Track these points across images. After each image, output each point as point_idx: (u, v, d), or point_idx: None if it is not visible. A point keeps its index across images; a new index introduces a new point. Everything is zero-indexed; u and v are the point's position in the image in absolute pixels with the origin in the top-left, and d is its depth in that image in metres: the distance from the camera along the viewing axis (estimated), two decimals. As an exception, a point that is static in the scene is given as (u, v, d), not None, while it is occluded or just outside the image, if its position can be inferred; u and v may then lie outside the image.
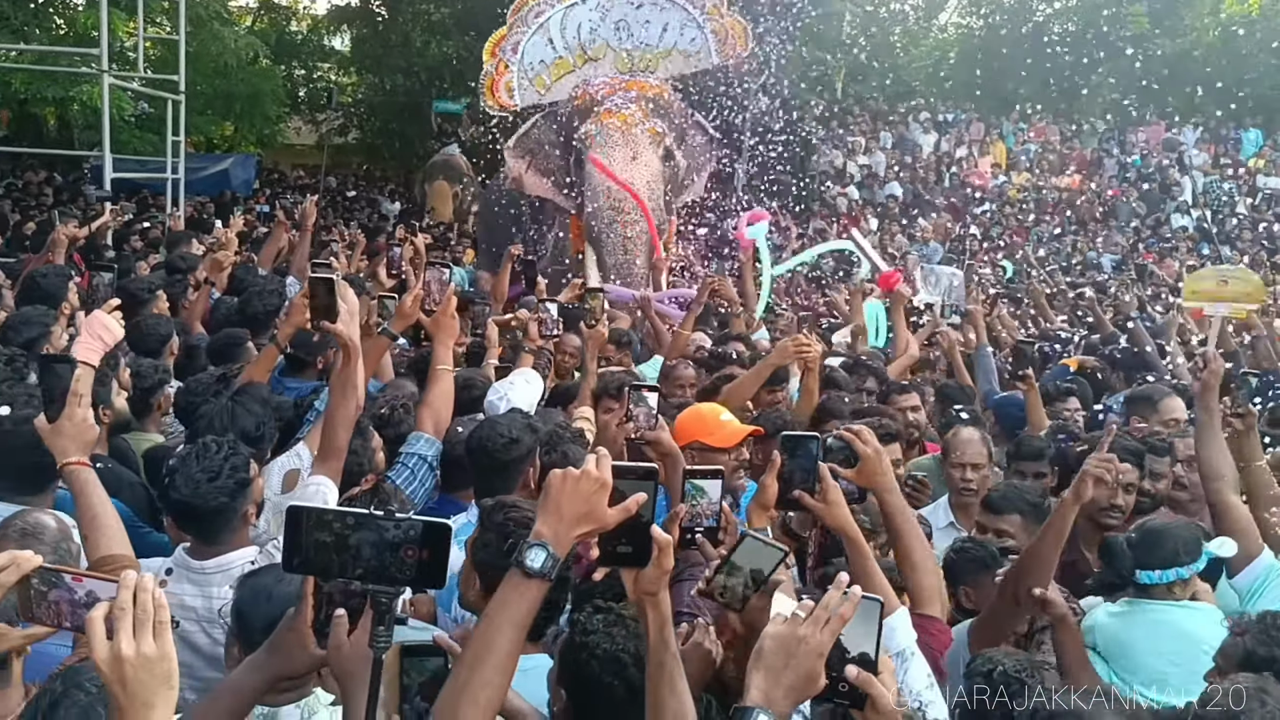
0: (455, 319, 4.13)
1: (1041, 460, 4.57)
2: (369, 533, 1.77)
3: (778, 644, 1.82)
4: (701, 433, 3.66)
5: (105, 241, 9.58)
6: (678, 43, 10.41)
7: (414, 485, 3.68)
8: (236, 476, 2.89)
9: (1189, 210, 20.72)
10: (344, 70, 28.67)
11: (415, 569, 1.78)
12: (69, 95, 14.53)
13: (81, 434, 2.74)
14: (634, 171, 8.73)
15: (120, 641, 1.56)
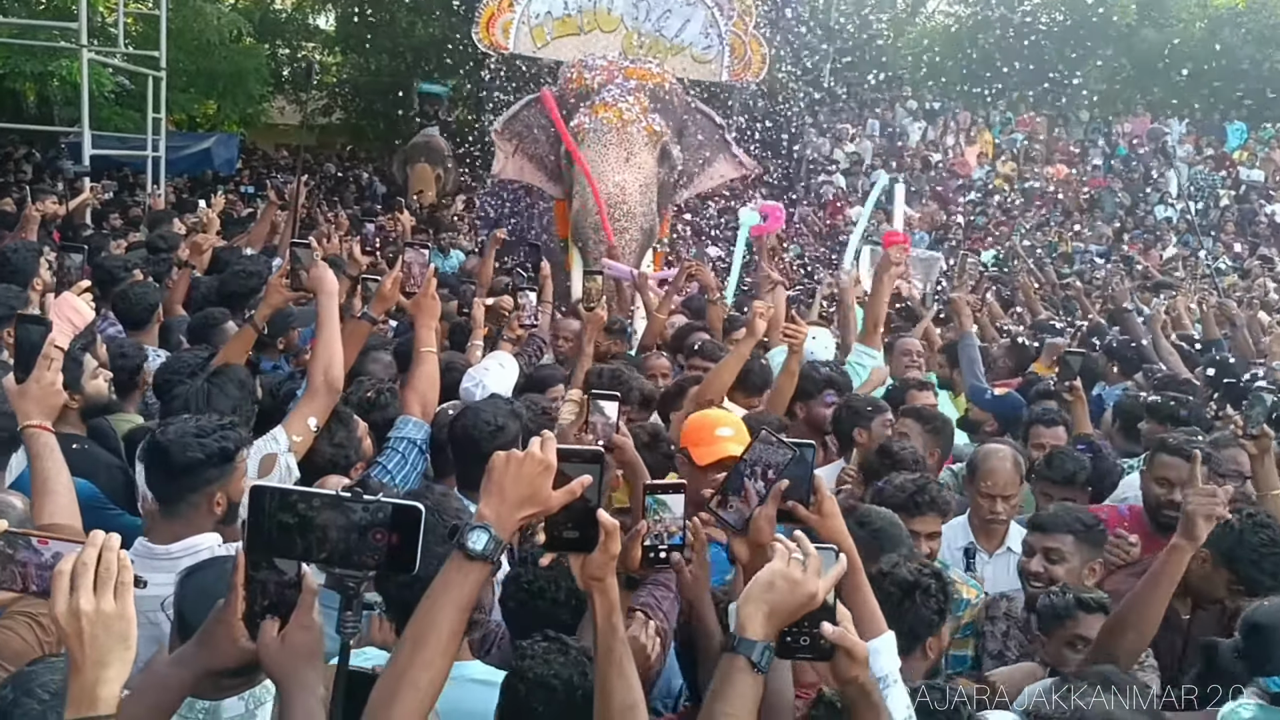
0: (436, 300, 4.09)
1: (1073, 486, 4.21)
2: (335, 514, 1.71)
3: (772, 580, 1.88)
4: (689, 441, 3.48)
5: (84, 220, 9.48)
6: (693, 44, 9.93)
7: (405, 469, 3.63)
8: (223, 444, 2.81)
9: (1173, 202, 20.79)
10: (328, 50, 28.43)
11: (385, 553, 1.73)
12: (48, 70, 14.34)
13: (47, 398, 2.72)
14: (626, 174, 8.27)
15: (80, 597, 1.55)
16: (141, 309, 5.19)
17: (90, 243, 7.24)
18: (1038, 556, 3.49)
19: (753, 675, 1.85)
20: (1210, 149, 22.92)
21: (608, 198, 8.10)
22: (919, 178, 20.88)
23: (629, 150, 8.34)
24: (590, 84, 8.84)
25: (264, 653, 1.84)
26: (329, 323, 3.57)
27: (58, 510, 2.58)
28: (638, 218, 8.21)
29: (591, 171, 8.21)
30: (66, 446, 3.42)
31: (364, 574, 1.75)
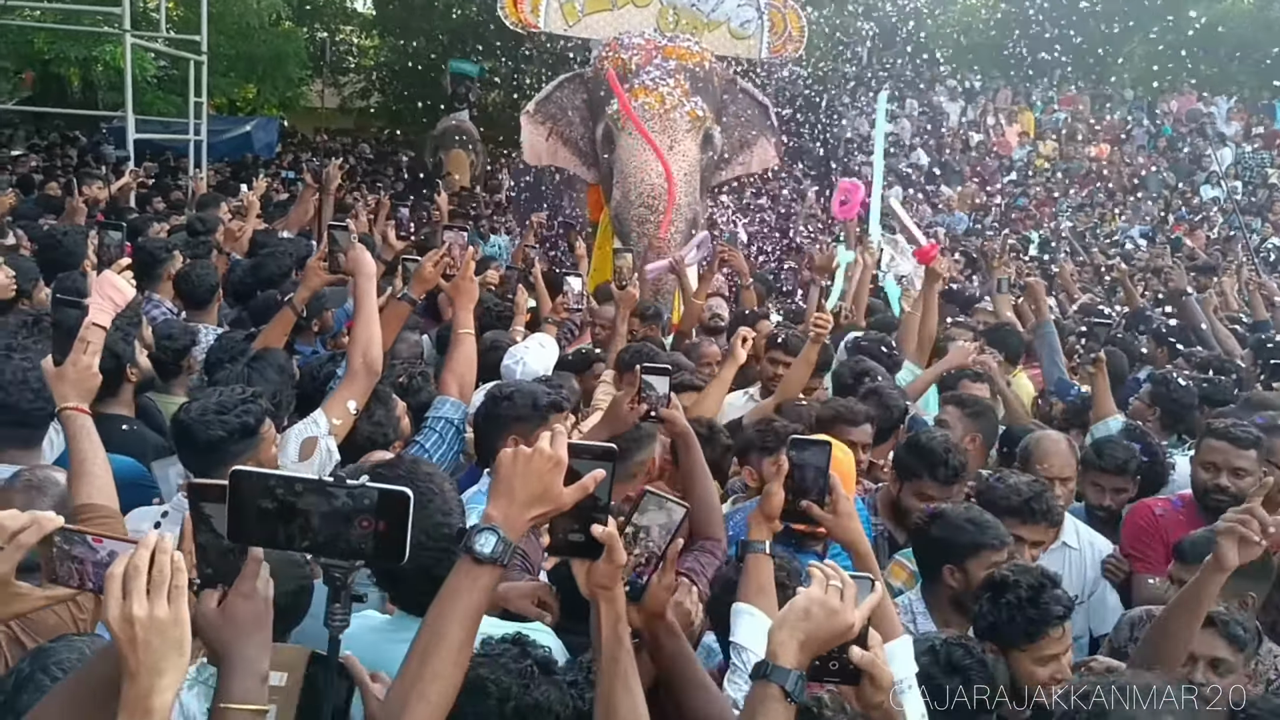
0: (474, 283, 4.09)
1: (1125, 475, 4.04)
2: (318, 500, 1.61)
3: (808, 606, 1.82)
4: None
5: (128, 204, 9.61)
6: (731, 18, 9.43)
7: (443, 449, 3.64)
8: (244, 419, 2.89)
9: (1220, 181, 20.44)
10: (366, 33, 28.56)
11: (372, 542, 1.63)
12: (91, 55, 14.53)
13: (84, 380, 2.73)
14: (671, 163, 7.88)
15: (133, 602, 1.51)
16: (204, 290, 5.30)
17: (132, 224, 7.35)
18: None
19: (785, 704, 1.78)
20: (1260, 127, 22.49)
21: (651, 188, 7.76)
22: (959, 158, 20.69)
23: (672, 138, 7.99)
24: (628, 64, 8.45)
25: (201, 623, 1.72)
26: (367, 305, 3.58)
27: (94, 491, 2.60)
28: (682, 209, 7.87)
29: (634, 161, 7.87)
30: (116, 427, 3.54)
31: (351, 564, 1.66)
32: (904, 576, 3.37)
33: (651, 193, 7.74)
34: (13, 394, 3.06)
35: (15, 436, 3.11)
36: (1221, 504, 3.56)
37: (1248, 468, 3.68)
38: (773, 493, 2.42)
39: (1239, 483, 3.67)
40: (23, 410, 3.04)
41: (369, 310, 3.57)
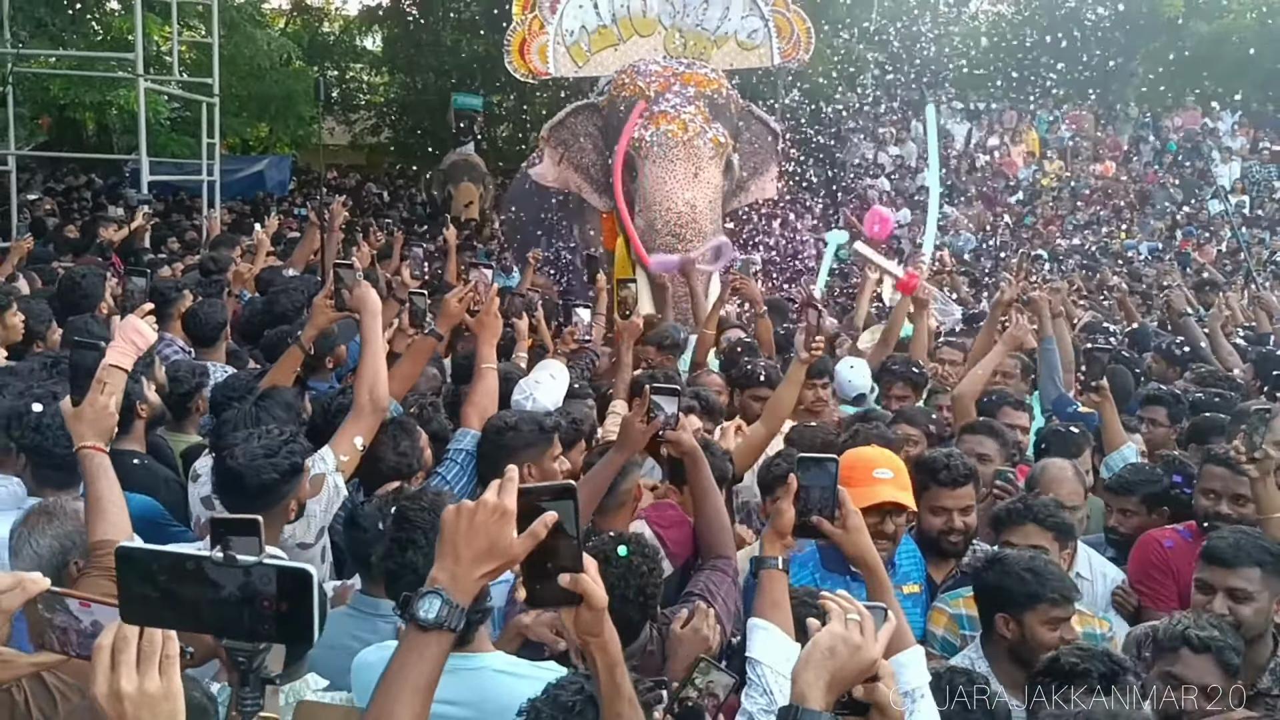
0: (498, 318, 4.22)
1: (1131, 496, 4.00)
2: (200, 588, 1.47)
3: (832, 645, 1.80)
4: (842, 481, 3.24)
5: (143, 244, 9.77)
6: (737, 31, 9.33)
7: (463, 480, 3.72)
8: (291, 460, 2.99)
9: (1226, 196, 20.44)
10: (376, 70, 28.88)
11: (274, 623, 1.48)
12: (106, 100, 14.75)
13: (101, 420, 2.80)
14: (696, 191, 7.81)
15: (121, 677, 1.41)
16: (210, 328, 5.40)
17: (151, 266, 7.49)
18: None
19: None
20: (1266, 140, 22.51)
21: (678, 216, 7.71)
22: (965, 179, 20.76)
23: (696, 165, 7.91)
24: (646, 91, 8.39)
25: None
26: (373, 342, 3.63)
27: (110, 528, 2.66)
28: (708, 236, 7.82)
29: (659, 189, 7.83)
30: (128, 462, 3.62)
31: (254, 646, 1.54)
32: (944, 622, 3.28)
33: (678, 221, 7.71)
34: (48, 437, 3.18)
35: (52, 478, 3.24)
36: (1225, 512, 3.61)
37: (1249, 494, 3.59)
38: (783, 510, 2.46)
39: (1240, 509, 3.62)
40: (59, 454, 3.13)
41: (375, 347, 3.63)
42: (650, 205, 7.84)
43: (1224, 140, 22.48)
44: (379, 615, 2.83)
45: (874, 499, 3.07)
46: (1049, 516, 3.32)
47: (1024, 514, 3.34)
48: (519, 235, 10.40)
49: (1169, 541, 3.74)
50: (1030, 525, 3.31)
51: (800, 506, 2.45)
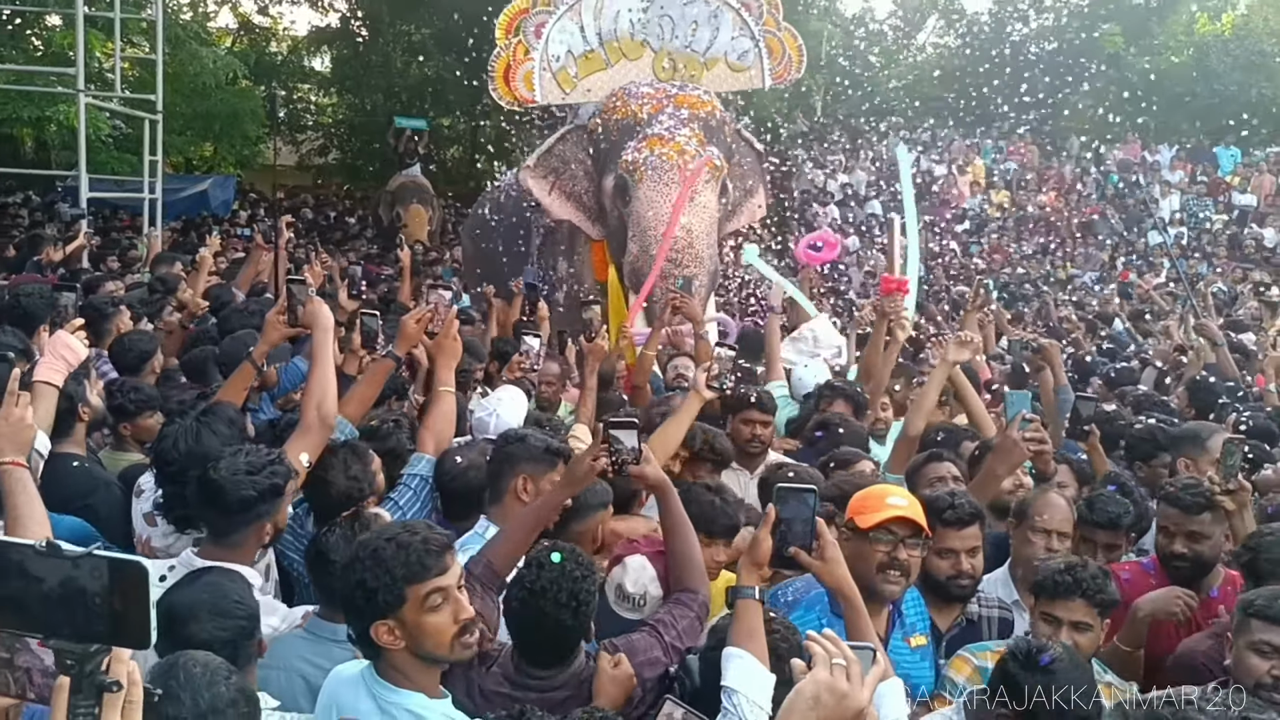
0: (458, 341, 4.13)
1: (1116, 530, 3.85)
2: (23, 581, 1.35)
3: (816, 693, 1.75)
4: (855, 511, 3.08)
5: (82, 265, 9.52)
6: (727, 54, 9.10)
7: (416, 506, 3.65)
8: (274, 480, 2.89)
9: (1165, 227, 20.91)
10: (324, 91, 28.67)
11: (108, 622, 1.35)
12: (45, 115, 14.43)
13: (17, 433, 2.70)
14: (692, 216, 7.54)
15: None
16: (134, 355, 5.17)
17: (85, 284, 7.27)
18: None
19: None
20: (1202, 174, 23.09)
21: (675, 242, 7.42)
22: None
23: (693, 189, 7.63)
24: (638, 114, 8.15)
25: None
26: (323, 358, 3.56)
27: None
28: (705, 261, 7.63)
29: (654, 214, 7.55)
30: (68, 465, 3.51)
31: (85, 648, 1.36)
32: (968, 672, 3.07)
33: (675, 246, 7.45)
34: None
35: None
36: (1181, 570, 3.52)
37: (1202, 531, 3.54)
38: (760, 539, 2.45)
39: (1195, 547, 3.55)
40: None
41: (325, 363, 3.55)
42: (645, 231, 7.60)
43: (1163, 174, 23.02)
44: (334, 641, 2.76)
45: (885, 513, 2.95)
46: (1098, 591, 3.04)
47: (1073, 588, 3.03)
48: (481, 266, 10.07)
49: (1126, 574, 3.64)
50: (1078, 601, 3.03)
51: (779, 537, 2.43)
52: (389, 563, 2.26)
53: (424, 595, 2.27)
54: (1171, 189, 22.39)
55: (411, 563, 2.27)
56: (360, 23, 26.64)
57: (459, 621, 2.31)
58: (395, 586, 2.25)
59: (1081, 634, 2.99)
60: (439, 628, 2.29)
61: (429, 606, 2.28)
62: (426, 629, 2.28)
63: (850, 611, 2.47)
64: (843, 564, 2.45)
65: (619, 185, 7.88)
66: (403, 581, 2.26)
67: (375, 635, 2.27)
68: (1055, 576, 3.10)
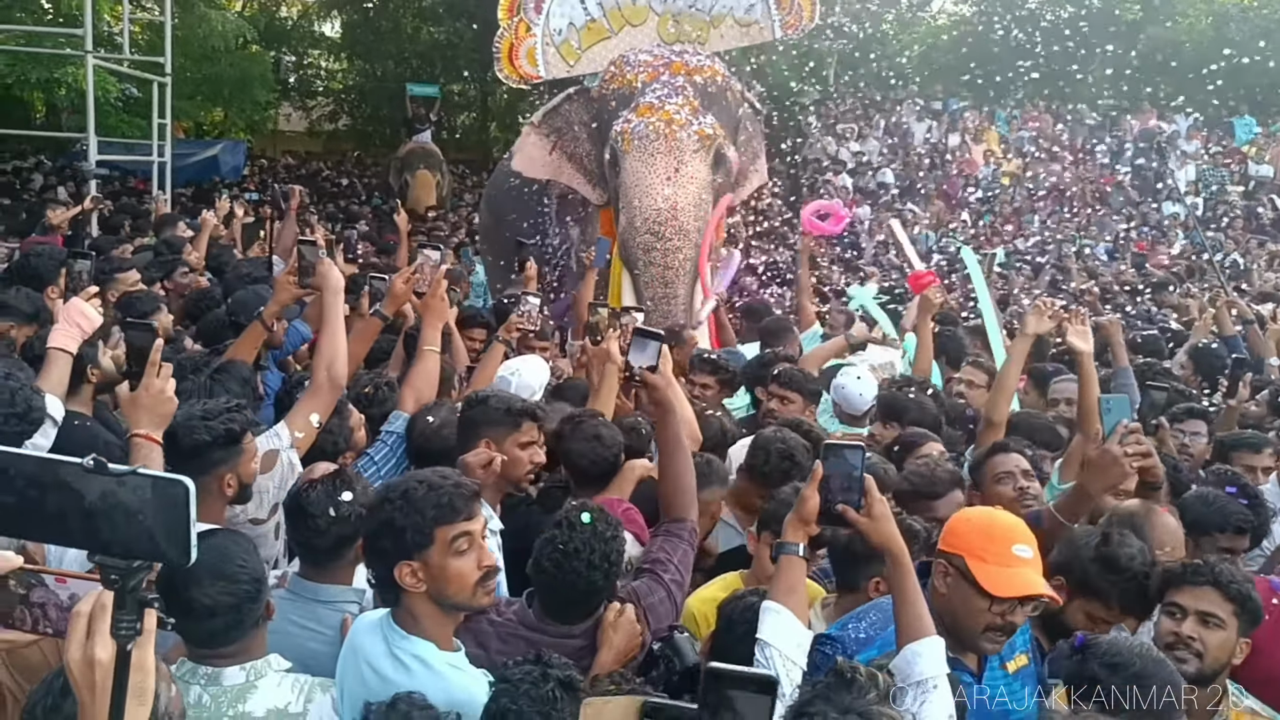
0: (445, 301, 4.17)
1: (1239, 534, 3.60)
2: (68, 497, 1.38)
3: None
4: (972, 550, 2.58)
5: (88, 230, 9.53)
6: (733, 9, 8.80)
7: (392, 462, 3.67)
8: (229, 426, 2.88)
9: (1181, 198, 20.72)
10: (334, 56, 28.55)
11: (149, 538, 1.40)
12: (54, 78, 14.41)
13: (157, 405, 2.70)
14: (677, 188, 7.29)
15: (96, 644, 1.40)
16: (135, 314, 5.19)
17: (96, 244, 7.28)
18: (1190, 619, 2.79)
19: None
20: (1218, 144, 22.85)
21: (656, 213, 7.20)
22: (925, 177, 20.88)
23: (679, 159, 7.37)
24: (634, 83, 7.94)
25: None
26: (334, 319, 3.60)
27: None
28: (690, 234, 7.32)
29: (637, 184, 7.33)
30: (69, 422, 3.51)
31: (129, 564, 1.41)
32: None
33: (657, 218, 7.23)
34: None
35: None
36: None
37: None
38: (807, 497, 2.43)
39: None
40: None
41: (335, 324, 3.58)
42: (629, 202, 7.36)
43: (1179, 144, 22.79)
44: (318, 601, 2.77)
45: (1023, 589, 2.51)
46: (1232, 583, 2.75)
47: (1203, 574, 2.78)
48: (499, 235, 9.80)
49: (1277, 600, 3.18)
50: (1208, 589, 2.76)
51: (825, 495, 2.41)
52: (419, 503, 2.29)
53: (451, 538, 2.30)
54: (1188, 159, 22.16)
55: (443, 504, 2.30)
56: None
57: (482, 568, 2.34)
58: (425, 527, 2.28)
59: (1209, 629, 2.72)
60: (462, 572, 2.32)
61: (455, 550, 2.31)
62: (450, 573, 2.30)
63: (895, 570, 2.40)
64: (891, 521, 2.40)
65: (612, 156, 7.69)
66: (432, 522, 2.29)
67: (398, 576, 2.29)
68: (1185, 564, 2.87)
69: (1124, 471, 3.28)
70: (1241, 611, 2.73)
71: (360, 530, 2.72)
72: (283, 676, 2.37)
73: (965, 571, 2.53)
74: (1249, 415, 5.51)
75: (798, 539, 2.46)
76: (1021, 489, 3.61)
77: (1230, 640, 2.73)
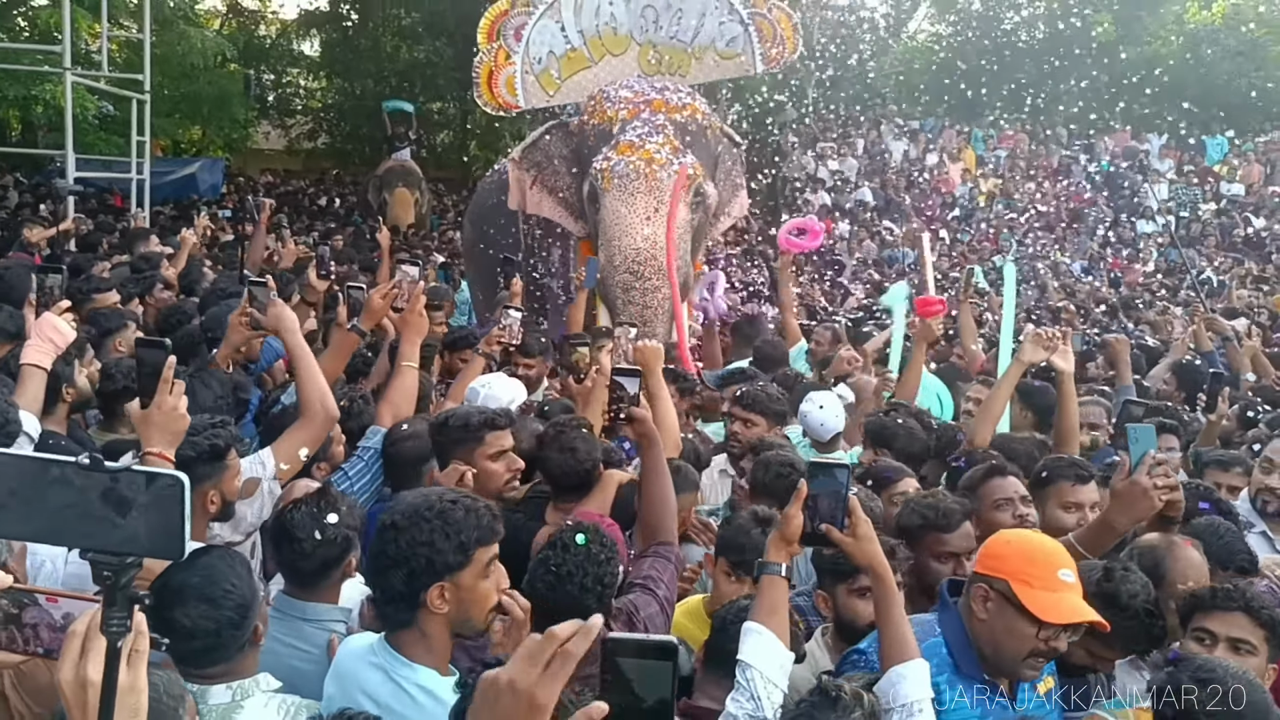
0: (424, 317, 4.12)
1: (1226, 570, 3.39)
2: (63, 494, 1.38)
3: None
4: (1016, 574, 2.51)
5: (67, 248, 9.47)
6: (715, 41, 8.71)
7: (367, 477, 3.65)
8: (213, 442, 2.88)
9: (1154, 216, 20.94)
10: (313, 75, 28.54)
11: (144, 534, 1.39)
12: (31, 95, 14.33)
13: (170, 423, 2.66)
14: (657, 227, 7.28)
15: (88, 664, 1.38)
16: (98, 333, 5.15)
17: (74, 264, 7.24)
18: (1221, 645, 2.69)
19: None
20: (1190, 164, 23.12)
21: (636, 253, 7.21)
22: (902, 195, 21.03)
23: (659, 199, 7.34)
24: (614, 118, 7.90)
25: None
26: (304, 357, 3.50)
27: None
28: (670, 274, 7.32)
29: (617, 223, 7.32)
30: (43, 443, 3.45)
31: (121, 560, 1.40)
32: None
33: (636, 257, 7.22)
34: None
35: None
36: None
37: None
38: (791, 516, 2.39)
39: None
40: None
41: (308, 362, 3.50)
42: (609, 240, 7.32)
43: (1151, 163, 23.05)
44: (304, 619, 2.74)
45: (1071, 615, 2.44)
46: (1263, 609, 2.68)
47: (1234, 599, 2.70)
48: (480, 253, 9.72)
49: None
50: (1239, 615, 2.69)
51: (809, 514, 2.38)
52: (460, 524, 2.27)
53: (487, 560, 2.30)
54: (1160, 178, 22.42)
55: (483, 526, 2.29)
56: (349, 6, 26.52)
57: (500, 591, 2.34)
58: (467, 548, 2.26)
59: (1240, 655, 2.63)
60: (486, 595, 2.32)
61: (487, 572, 2.31)
62: (478, 594, 2.29)
63: (880, 590, 2.39)
64: (875, 541, 2.38)
65: (591, 191, 7.66)
66: (475, 544, 2.27)
67: (428, 598, 2.24)
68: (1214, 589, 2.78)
69: (1153, 504, 3.14)
70: (1272, 636, 2.67)
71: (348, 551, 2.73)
72: (270, 697, 2.33)
73: (1010, 596, 2.48)
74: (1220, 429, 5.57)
75: (780, 559, 2.41)
76: (1021, 516, 3.45)
77: (1261, 666, 2.64)
